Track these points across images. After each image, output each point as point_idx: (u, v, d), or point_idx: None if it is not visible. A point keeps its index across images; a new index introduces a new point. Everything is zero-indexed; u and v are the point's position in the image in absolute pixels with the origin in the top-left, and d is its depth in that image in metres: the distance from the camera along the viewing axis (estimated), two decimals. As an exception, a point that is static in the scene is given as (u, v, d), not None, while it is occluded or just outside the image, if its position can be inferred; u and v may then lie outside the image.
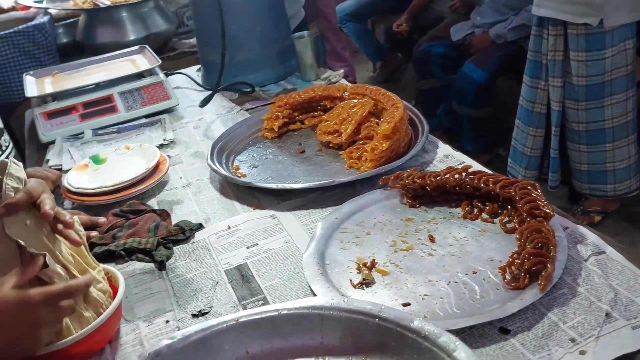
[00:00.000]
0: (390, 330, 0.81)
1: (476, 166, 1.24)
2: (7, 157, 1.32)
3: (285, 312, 0.87)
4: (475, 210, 1.13)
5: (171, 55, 2.62)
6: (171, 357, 0.82)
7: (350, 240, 1.11)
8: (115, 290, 0.96)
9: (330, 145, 1.47)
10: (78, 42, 2.57)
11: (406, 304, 0.93)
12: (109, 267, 1.00)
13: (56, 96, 1.74)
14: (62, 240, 0.91)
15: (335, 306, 0.85)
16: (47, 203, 0.86)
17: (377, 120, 1.44)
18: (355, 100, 1.53)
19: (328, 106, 1.61)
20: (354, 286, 0.99)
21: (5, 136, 1.31)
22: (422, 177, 1.17)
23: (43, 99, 1.73)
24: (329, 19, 3.47)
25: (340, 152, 1.44)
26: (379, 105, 1.49)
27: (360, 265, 1.03)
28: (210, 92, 1.80)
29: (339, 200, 1.23)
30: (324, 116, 1.57)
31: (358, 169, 1.33)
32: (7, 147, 1.34)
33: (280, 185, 1.27)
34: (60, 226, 0.89)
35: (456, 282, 0.95)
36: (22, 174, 0.87)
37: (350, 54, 3.78)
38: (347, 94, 1.59)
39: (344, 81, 1.90)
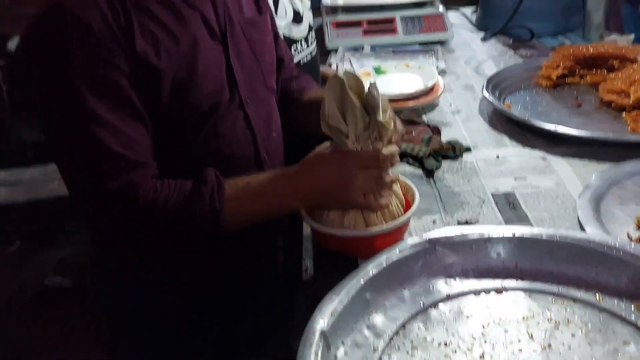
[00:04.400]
0: (680, 286, 0.78)
1: None
2: (312, 53, 1.45)
3: (562, 239, 0.88)
4: None
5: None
6: (447, 247, 0.89)
7: (630, 197, 1.07)
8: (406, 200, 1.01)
9: (613, 105, 1.40)
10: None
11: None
12: (406, 179, 1.04)
13: (346, 9, 1.88)
14: None
15: (620, 247, 0.84)
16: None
17: (673, 90, 1.33)
18: (652, 65, 1.43)
19: (615, 66, 1.52)
20: (631, 240, 0.96)
21: (312, 33, 1.44)
22: None
23: (334, 9, 1.89)
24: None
25: (623, 114, 1.36)
26: (678, 76, 1.37)
27: (641, 223, 0.99)
28: (485, 32, 1.80)
29: (615, 159, 1.18)
30: (610, 75, 1.49)
31: (644, 134, 1.26)
32: (312, 42, 1.47)
33: (559, 128, 1.25)
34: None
35: None
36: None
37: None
38: (641, 57, 1.49)
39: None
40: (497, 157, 1.24)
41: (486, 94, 1.42)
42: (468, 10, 2.16)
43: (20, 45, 0.87)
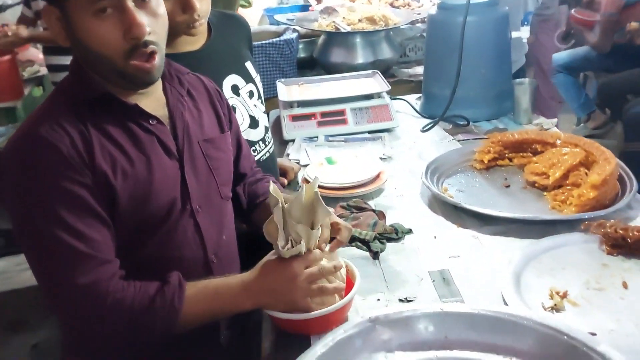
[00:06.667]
0: (576, 348, 0.94)
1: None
2: (269, 151, 1.61)
3: (483, 312, 1.03)
4: (675, 269, 1.18)
5: (390, 82, 2.89)
6: (385, 324, 1.03)
7: (545, 270, 1.23)
8: (349, 280, 1.15)
9: (536, 185, 1.59)
10: (314, 58, 2.95)
11: (592, 334, 1.03)
12: (349, 261, 1.18)
13: (301, 103, 2.08)
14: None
15: (529, 317, 1.00)
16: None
17: (586, 170, 1.54)
18: (567, 149, 1.64)
19: (539, 150, 1.72)
20: (545, 309, 1.11)
21: (269, 134, 1.61)
22: (625, 229, 1.26)
23: (290, 104, 2.08)
24: (543, 68, 3.54)
25: (545, 193, 1.55)
26: (590, 158, 1.57)
27: (553, 293, 1.15)
28: (429, 120, 2.01)
29: (538, 235, 1.35)
30: (534, 158, 1.69)
31: (561, 211, 1.44)
32: (269, 142, 1.64)
33: (486, 210, 1.43)
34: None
35: (645, 327, 1.04)
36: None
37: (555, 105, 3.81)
38: (559, 141, 1.70)
39: (555, 129, 1.99)
40: (435, 237, 1.41)
41: (425, 180, 1.60)
42: (412, 98, 2.38)
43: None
